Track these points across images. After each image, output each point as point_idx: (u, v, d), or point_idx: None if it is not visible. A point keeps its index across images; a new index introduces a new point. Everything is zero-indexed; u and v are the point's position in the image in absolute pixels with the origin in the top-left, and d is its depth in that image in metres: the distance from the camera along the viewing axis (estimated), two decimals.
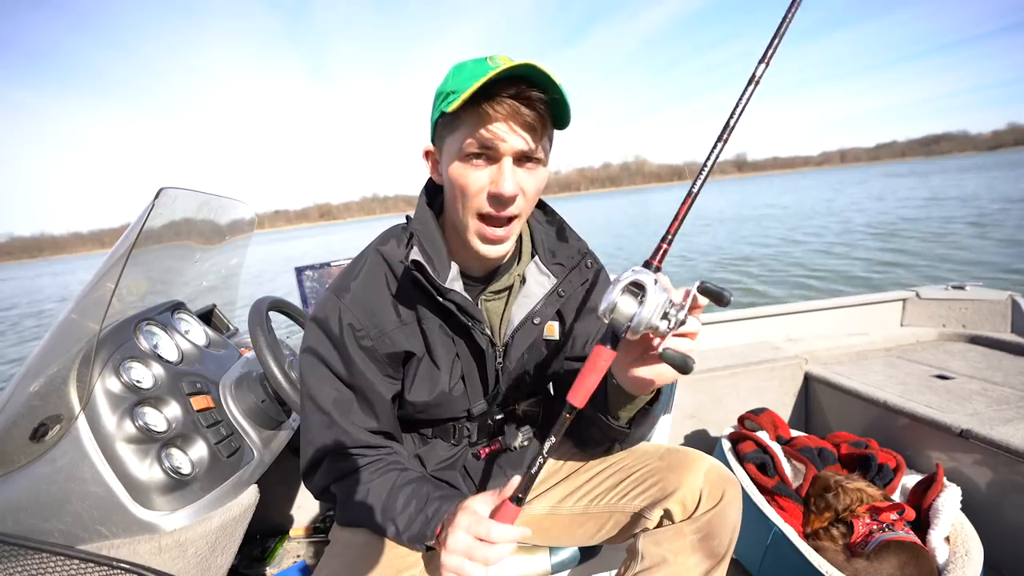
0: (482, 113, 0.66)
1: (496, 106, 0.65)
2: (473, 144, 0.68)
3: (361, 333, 0.79)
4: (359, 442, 0.81)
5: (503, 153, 0.68)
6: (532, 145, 0.69)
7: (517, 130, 0.67)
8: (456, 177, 0.71)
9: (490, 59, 0.69)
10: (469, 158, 0.69)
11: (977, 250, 8.80)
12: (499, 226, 0.73)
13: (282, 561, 1.57)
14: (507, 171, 0.69)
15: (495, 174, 0.70)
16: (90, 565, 0.84)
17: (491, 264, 0.83)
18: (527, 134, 0.68)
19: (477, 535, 0.60)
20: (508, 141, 0.68)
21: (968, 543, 1.19)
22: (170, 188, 1.11)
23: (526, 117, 0.66)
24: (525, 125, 0.67)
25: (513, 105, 0.65)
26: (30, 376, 0.94)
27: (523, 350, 0.86)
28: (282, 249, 38.36)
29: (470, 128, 0.67)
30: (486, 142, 0.67)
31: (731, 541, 0.81)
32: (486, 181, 0.70)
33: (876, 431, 1.71)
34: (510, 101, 0.65)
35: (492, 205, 0.71)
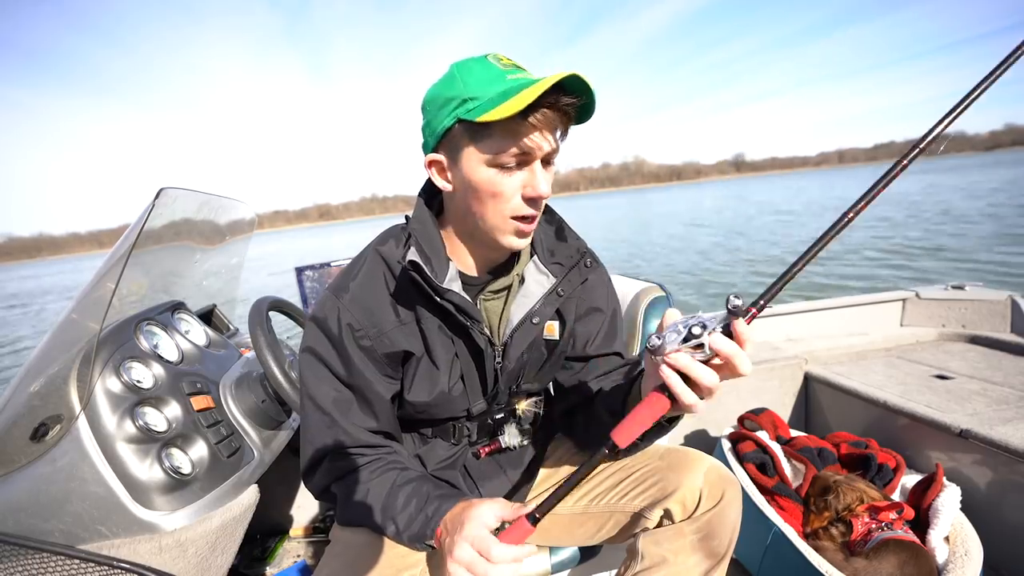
0: (523, 123, 0.66)
1: (539, 116, 0.66)
2: (511, 153, 0.68)
3: (360, 333, 0.79)
4: (359, 442, 0.81)
5: (536, 157, 0.70)
6: (557, 146, 0.71)
7: (549, 136, 0.69)
8: (485, 184, 0.71)
9: (492, 58, 0.69)
10: (505, 166, 0.70)
11: (977, 250, 8.81)
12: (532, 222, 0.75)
13: (282, 561, 1.57)
14: (540, 174, 0.71)
15: (528, 178, 0.71)
16: (90, 565, 0.84)
17: (491, 262, 0.84)
18: (556, 138, 0.70)
19: (480, 551, 0.60)
20: (544, 149, 0.70)
21: (968, 543, 1.19)
22: (170, 188, 1.11)
23: (559, 125, 0.68)
24: (556, 130, 0.69)
25: (551, 114, 0.66)
26: (30, 376, 0.94)
27: (522, 350, 0.86)
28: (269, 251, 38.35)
29: (507, 137, 0.67)
30: (526, 150, 0.69)
31: (731, 541, 0.81)
32: (519, 185, 0.71)
33: (876, 431, 1.71)
34: (549, 111, 0.66)
35: (530, 207, 0.73)
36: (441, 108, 0.70)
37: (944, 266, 7.91)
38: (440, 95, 0.70)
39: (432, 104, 0.72)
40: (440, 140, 0.73)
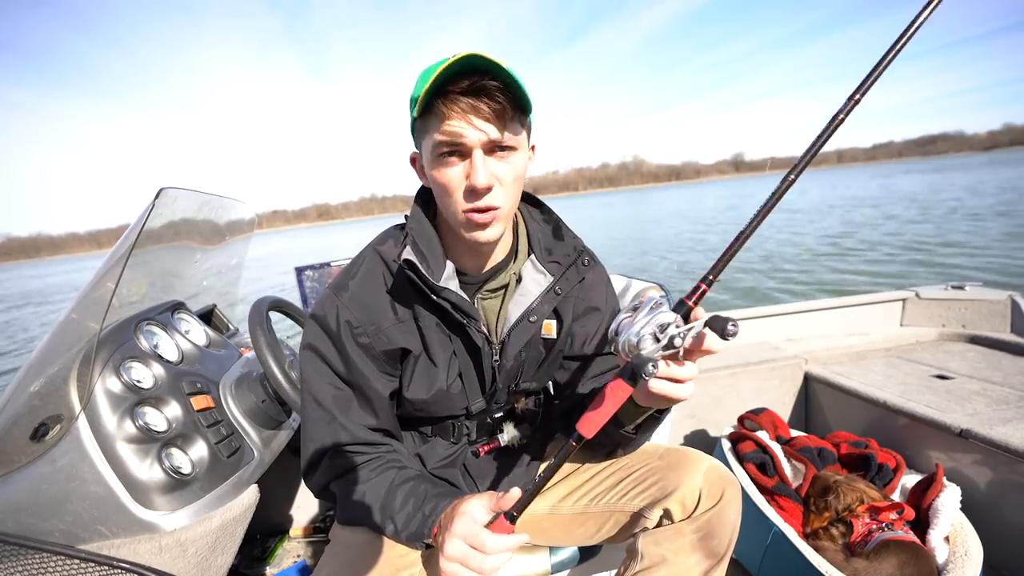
0: (441, 112, 0.67)
1: (451, 104, 0.66)
2: (440, 144, 0.69)
3: (358, 330, 0.79)
4: (358, 439, 0.81)
5: (471, 147, 0.69)
6: (498, 134, 0.69)
7: (477, 123, 0.67)
8: (435, 177, 0.72)
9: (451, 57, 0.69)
10: (441, 157, 0.70)
11: (976, 249, 8.83)
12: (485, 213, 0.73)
13: (282, 561, 1.57)
14: (478, 164, 0.69)
15: (468, 168, 0.70)
16: (90, 565, 0.84)
17: (487, 260, 0.84)
18: (488, 124, 0.68)
19: (473, 544, 0.60)
20: (471, 135, 0.68)
21: (968, 543, 1.19)
22: (170, 188, 1.11)
23: (483, 108, 0.66)
24: (485, 116, 0.67)
25: (467, 100, 0.66)
26: (30, 376, 0.94)
27: (520, 348, 0.86)
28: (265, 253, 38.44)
29: (435, 129, 0.68)
30: (451, 140, 0.68)
31: (731, 541, 0.82)
32: (462, 176, 0.71)
33: (876, 431, 1.71)
34: (464, 97, 0.65)
35: (469, 199, 0.71)
36: (409, 110, 0.73)
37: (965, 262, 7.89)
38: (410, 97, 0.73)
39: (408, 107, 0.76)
40: (413, 139, 0.77)
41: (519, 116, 0.71)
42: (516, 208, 0.80)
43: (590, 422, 0.59)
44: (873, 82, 0.54)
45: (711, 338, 0.55)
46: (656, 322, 0.55)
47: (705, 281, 0.55)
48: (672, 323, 0.55)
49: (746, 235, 0.54)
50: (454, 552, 0.61)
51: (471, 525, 0.62)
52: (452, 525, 0.63)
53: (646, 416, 0.77)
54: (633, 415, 0.76)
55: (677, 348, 0.55)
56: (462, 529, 0.62)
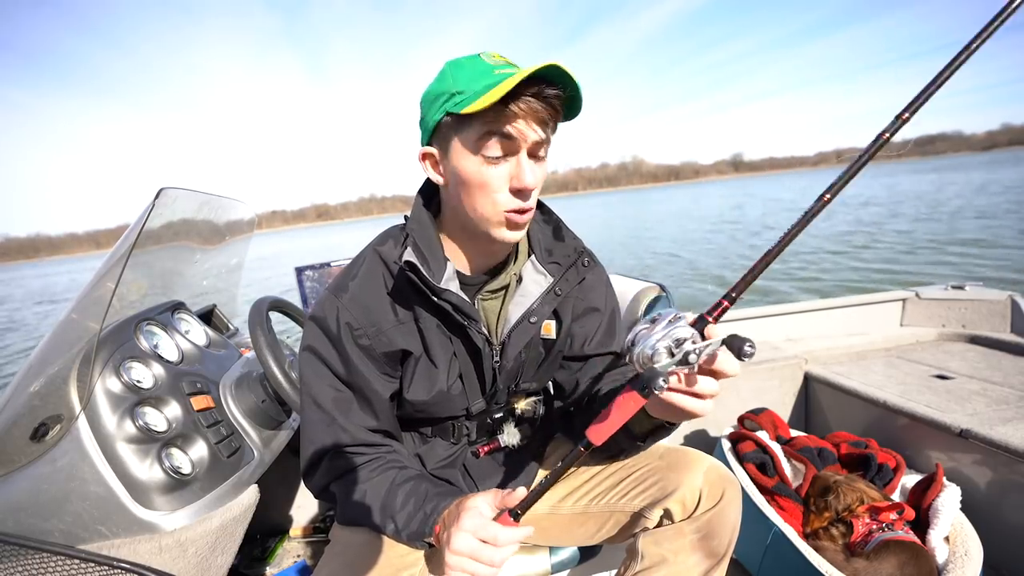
0: (505, 113, 0.67)
1: (520, 105, 0.66)
2: (493, 143, 0.69)
3: (359, 332, 0.79)
4: (358, 440, 0.81)
5: (520, 148, 0.70)
6: (547, 137, 0.71)
7: (534, 127, 0.69)
8: (473, 175, 0.71)
9: (483, 56, 0.70)
10: (489, 156, 0.70)
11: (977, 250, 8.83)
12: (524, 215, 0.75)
13: (282, 561, 1.57)
14: (525, 165, 0.71)
15: (514, 169, 0.71)
16: (90, 565, 0.84)
17: (488, 261, 0.84)
18: (542, 129, 0.70)
19: (483, 538, 0.61)
20: (528, 138, 0.69)
21: (968, 543, 1.19)
22: (170, 188, 1.11)
23: (543, 114, 0.68)
24: (541, 121, 0.69)
25: (534, 103, 0.67)
26: (31, 376, 0.94)
27: (520, 349, 0.86)
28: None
29: (489, 127, 0.68)
30: (508, 140, 0.69)
31: (731, 541, 0.81)
32: (506, 176, 0.71)
33: (876, 431, 1.71)
34: (531, 100, 0.66)
35: (517, 198, 0.72)
36: (433, 102, 0.72)
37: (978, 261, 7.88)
38: (433, 91, 0.72)
39: (426, 100, 0.74)
40: (432, 134, 0.75)
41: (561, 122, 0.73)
42: None
43: (599, 430, 0.59)
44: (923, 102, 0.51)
45: (724, 358, 0.55)
46: (672, 336, 0.54)
47: (727, 298, 0.54)
48: (688, 338, 0.54)
49: (774, 254, 0.53)
50: (462, 546, 0.61)
51: (480, 519, 0.62)
52: (460, 520, 0.63)
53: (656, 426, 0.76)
54: (644, 424, 0.75)
55: (692, 364, 0.54)
56: (470, 523, 0.62)
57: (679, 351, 0.54)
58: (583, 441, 0.60)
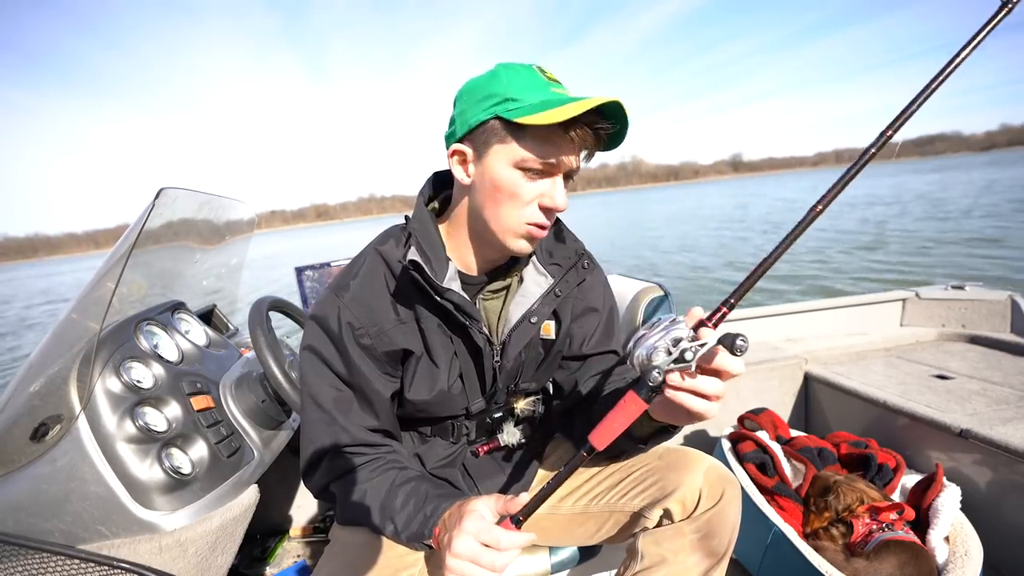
0: (559, 135, 0.68)
1: (577, 131, 0.68)
2: (538, 160, 0.70)
3: (360, 331, 0.79)
4: (358, 440, 0.81)
5: (560, 170, 0.72)
6: (580, 166, 0.74)
7: (580, 154, 0.72)
8: (507, 184, 0.72)
9: (538, 69, 0.72)
10: (530, 172, 0.71)
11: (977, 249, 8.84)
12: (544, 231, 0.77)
13: (282, 561, 1.57)
14: (560, 187, 0.73)
15: (548, 188, 0.73)
16: (90, 565, 0.84)
17: (491, 262, 0.84)
18: (585, 158, 0.73)
19: (485, 542, 0.60)
20: (571, 164, 0.72)
21: (968, 543, 1.19)
22: (170, 188, 1.11)
23: (591, 145, 0.70)
24: (586, 151, 0.72)
25: (586, 133, 0.68)
26: (31, 376, 0.94)
27: (520, 349, 0.86)
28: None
29: (539, 144, 0.69)
30: (552, 161, 0.70)
31: (731, 541, 0.82)
32: (538, 192, 0.73)
33: (876, 431, 1.71)
34: (587, 130, 0.68)
35: (545, 216, 0.75)
36: (480, 101, 0.71)
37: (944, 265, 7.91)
38: (481, 88, 0.72)
39: (470, 95, 0.73)
40: (470, 132, 0.73)
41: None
42: None
43: (602, 435, 0.59)
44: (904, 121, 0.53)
45: (723, 355, 0.55)
46: (670, 336, 0.55)
47: (726, 304, 0.55)
48: (685, 338, 0.55)
49: (770, 262, 0.54)
50: (464, 549, 0.60)
51: (482, 522, 0.62)
52: (462, 523, 0.63)
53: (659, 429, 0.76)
54: (646, 427, 0.75)
55: (688, 362, 0.55)
56: (473, 526, 0.61)
57: (676, 350, 0.55)
58: (586, 446, 0.60)
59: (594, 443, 0.59)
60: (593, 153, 0.75)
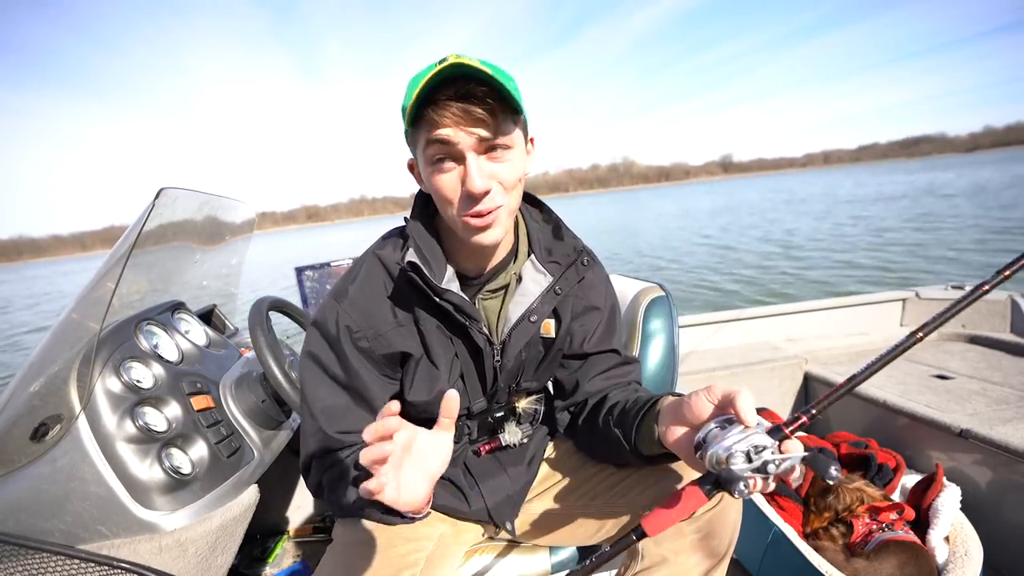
0: (432, 120, 0.66)
1: (441, 111, 0.65)
2: (434, 151, 0.69)
3: (358, 335, 0.79)
4: (346, 443, 0.81)
5: (464, 151, 0.68)
6: (491, 135, 0.68)
7: (470, 128, 0.67)
8: (432, 184, 0.72)
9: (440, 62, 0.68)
10: (437, 164, 0.70)
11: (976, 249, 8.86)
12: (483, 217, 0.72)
13: (282, 561, 1.57)
14: (472, 168, 0.68)
15: (463, 173, 0.70)
16: (90, 565, 0.84)
17: (488, 261, 0.84)
18: (481, 129, 0.67)
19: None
20: (464, 140, 0.67)
21: (968, 543, 1.19)
22: (170, 188, 1.11)
23: (475, 113, 0.66)
24: (476, 121, 0.66)
25: (458, 106, 0.65)
26: (31, 376, 0.94)
27: (520, 348, 0.86)
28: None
29: (427, 136, 0.68)
30: (443, 146, 0.68)
31: (731, 540, 0.81)
32: (458, 181, 0.70)
33: (876, 431, 1.71)
34: (455, 103, 0.65)
35: (469, 203, 0.71)
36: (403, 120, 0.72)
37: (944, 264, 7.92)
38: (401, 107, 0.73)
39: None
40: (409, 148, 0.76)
41: (511, 115, 0.70)
42: (518, 207, 0.80)
43: (656, 522, 0.58)
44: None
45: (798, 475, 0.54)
46: (751, 442, 0.54)
47: (807, 414, 0.54)
48: (768, 448, 0.53)
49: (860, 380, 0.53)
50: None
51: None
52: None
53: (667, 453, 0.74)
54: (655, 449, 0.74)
55: (769, 474, 0.54)
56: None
57: (758, 458, 0.53)
58: (638, 531, 0.59)
59: (647, 529, 0.58)
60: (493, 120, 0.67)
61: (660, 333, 1.21)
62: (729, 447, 0.54)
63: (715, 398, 0.61)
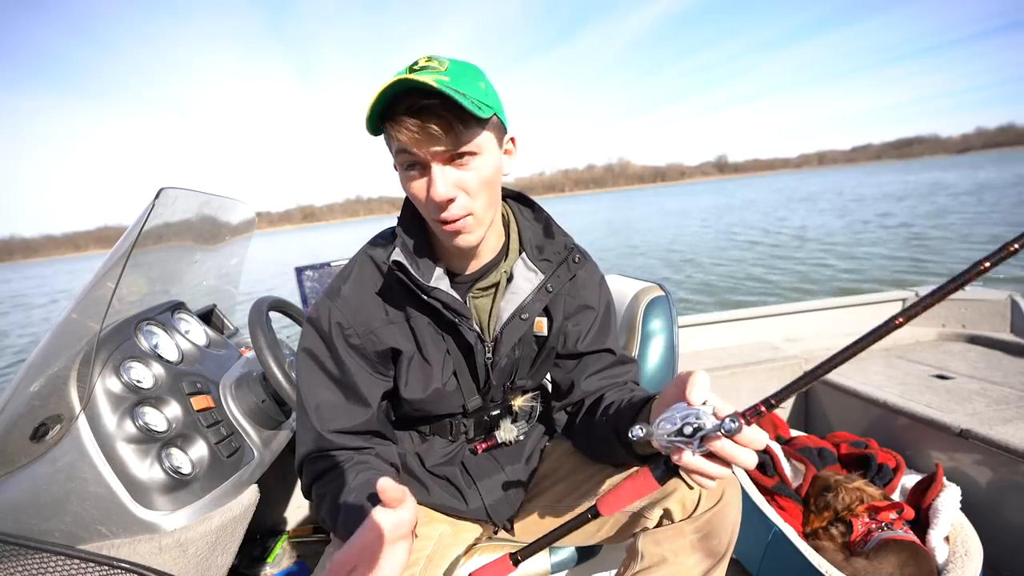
0: (390, 134, 0.67)
1: (398, 126, 0.65)
2: (401, 159, 0.70)
3: (349, 331, 0.80)
4: (337, 444, 0.81)
5: (429, 161, 0.68)
6: (451, 146, 0.67)
7: (425, 140, 0.66)
8: (405, 190, 0.74)
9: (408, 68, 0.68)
10: (406, 172, 0.71)
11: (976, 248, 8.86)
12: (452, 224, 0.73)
13: (282, 561, 1.57)
14: (436, 177, 0.68)
15: (429, 181, 0.70)
16: (90, 565, 0.84)
17: (475, 260, 0.84)
18: (437, 144, 0.67)
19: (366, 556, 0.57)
20: (423, 152, 0.67)
21: (968, 543, 1.19)
22: (170, 188, 1.11)
23: (429, 129, 0.65)
24: (431, 137, 0.66)
25: (412, 121, 0.65)
26: (31, 376, 0.94)
27: (512, 345, 0.87)
28: None
29: (392, 142, 0.70)
30: (408, 155, 0.69)
31: (731, 540, 0.81)
32: (425, 188, 0.71)
33: (876, 431, 1.71)
34: (409, 119, 0.64)
35: (435, 211, 0.71)
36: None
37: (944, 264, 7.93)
38: None
39: None
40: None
41: (473, 122, 0.67)
42: (495, 209, 0.79)
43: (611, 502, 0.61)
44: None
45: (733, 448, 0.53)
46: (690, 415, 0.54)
47: (765, 404, 0.53)
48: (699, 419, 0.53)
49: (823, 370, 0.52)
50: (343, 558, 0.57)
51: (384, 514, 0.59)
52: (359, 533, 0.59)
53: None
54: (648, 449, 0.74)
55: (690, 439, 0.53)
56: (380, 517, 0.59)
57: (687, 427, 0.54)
58: (592, 509, 0.61)
59: (602, 510, 0.61)
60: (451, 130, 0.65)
61: (660, 333, 1.22)
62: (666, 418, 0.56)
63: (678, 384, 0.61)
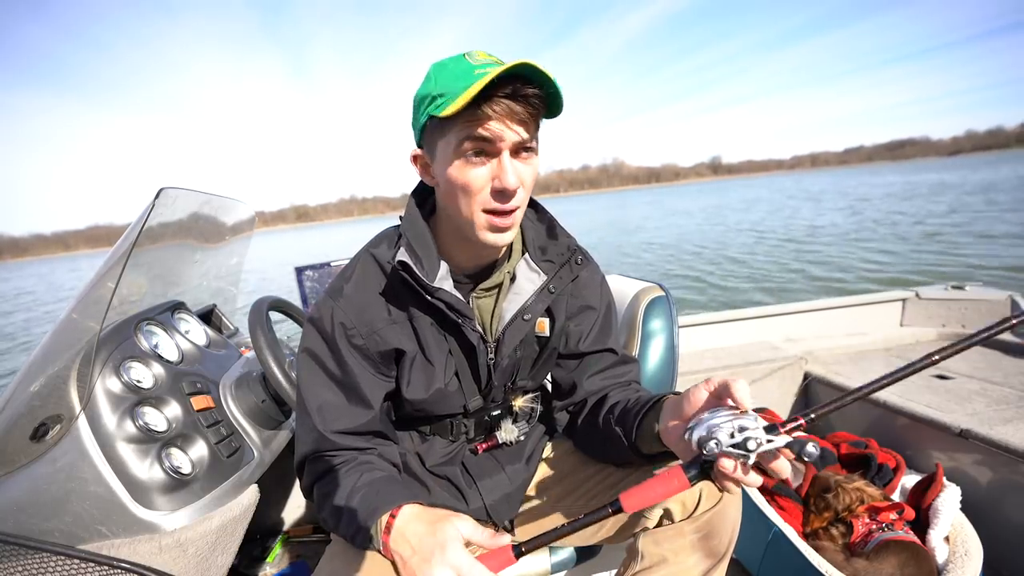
0: (479, 114, 0.66)
1: (494, 106, 0.65)
2: (471, 144, 0.68)
3: (352, 332, 0.80)
4: (339, 444, 0.81)
5: (501, 149, 0.69)
6: (527, 136, 0.69)
7: (513, 127, 0.67)
8: (456, 177, 0.71)
9: (468, 56, 0.69)
10: (468, 158, 0.69)
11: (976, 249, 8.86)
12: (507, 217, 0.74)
13: (282, 561, 1.57)
14: (507, 165, 0.69)
15: (496, 169, 0.70)
16: (90, 565, 0.84)
17: (485, 260, 0.84)
18: (522, 128, 0.68)
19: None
20: (506, 138, 0.68)
21: (968, 543, 1.19)
22: (170, 188, 1.11)
23: (521, 115, 0.67)
24: (520, 121, 0.68)
25: (509, 104, 0.66)
26: (31, 376, 0.94)
27: (514, 346, 0.86)
28: None
29: (467, 129, 0.67)
30: (485, 142, 0.68)
31: (731, 540, 0.81)
32: (487, 177, 0.70)
33: (876, 431, 1.71)
34: (506, 101, 0.65)
35: (497, 200, 0.71)
36: (419, 107, 0.72)
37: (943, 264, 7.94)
38: (419, 94, 0.72)
39: (414, 103, 0.74)
40: (421, 137, 0.75)
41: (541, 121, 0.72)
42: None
43: (635, 499, 0.58)
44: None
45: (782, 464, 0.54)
46: (738, 422, 0.54)
47: (805, 417, 0.53)
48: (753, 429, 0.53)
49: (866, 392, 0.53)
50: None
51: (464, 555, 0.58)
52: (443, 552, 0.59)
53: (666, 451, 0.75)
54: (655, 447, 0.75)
55: (749, 452, 0.53)
56: (455, 559, 0.58)
57: (739, 436, 0.53)
58: (615, 504, 0.59)
59: (624, 505, 0.58)
60: (534, 123, 0.70)
61: (660, 333, 1.22)
62: (716, 424, 0.54)
63: (712, 387, 0.62)
